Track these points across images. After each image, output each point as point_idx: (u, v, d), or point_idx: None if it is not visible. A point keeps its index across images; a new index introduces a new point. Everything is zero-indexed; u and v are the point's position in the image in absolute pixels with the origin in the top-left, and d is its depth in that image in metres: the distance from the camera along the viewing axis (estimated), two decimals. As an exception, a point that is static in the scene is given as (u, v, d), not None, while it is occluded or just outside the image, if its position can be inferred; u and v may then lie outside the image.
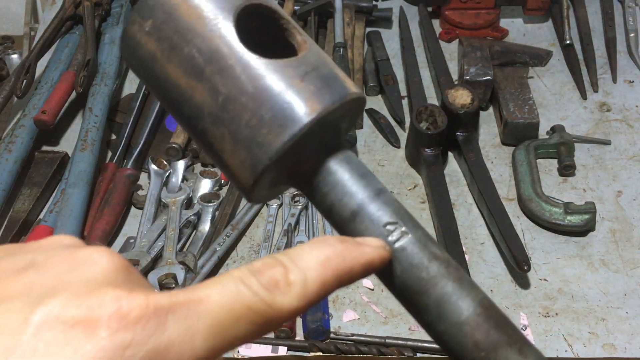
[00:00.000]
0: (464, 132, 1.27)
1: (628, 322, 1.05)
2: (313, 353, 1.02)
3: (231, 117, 0.39)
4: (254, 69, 0.39)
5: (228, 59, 0.39)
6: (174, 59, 0.40)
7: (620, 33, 1.54)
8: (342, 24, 1.49)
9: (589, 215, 1.15)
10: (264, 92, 0.39)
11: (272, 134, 0.38)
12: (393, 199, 0.41)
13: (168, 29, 0.40)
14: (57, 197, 1.22)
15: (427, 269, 0.39)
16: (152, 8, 0.40)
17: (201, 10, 0.40)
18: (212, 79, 0.39)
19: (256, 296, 0.33)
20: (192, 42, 0.39)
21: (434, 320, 0.39)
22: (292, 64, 0.40)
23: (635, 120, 1.38)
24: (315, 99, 0.39)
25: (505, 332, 0.38)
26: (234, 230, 1.17)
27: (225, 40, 0.39)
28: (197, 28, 0.39)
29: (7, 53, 1.86)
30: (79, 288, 0.31)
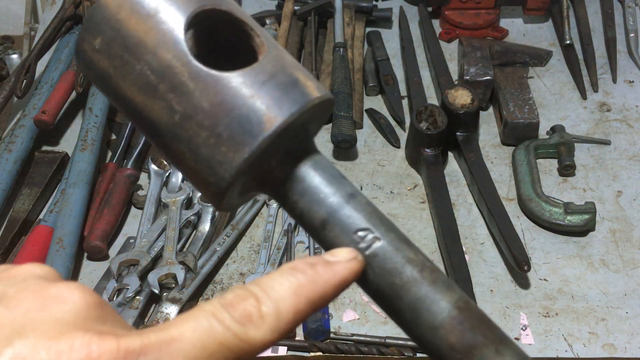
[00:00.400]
0: (464, 132, 1.27)
1: (628, 322, 1.05)
2: (313, 353, 1.02)
3: (189, 136, 0.38)
4: (208, 85, 0.37)
5: (180, 75, 0.37)
6: (127, 77, 0.38)
7: (620, 33, 1.54)
8: (342, 24, 1.49)
9: (589, 215, 1.15)
10: (220, 108, 0.37)
11: (231, 152, 0.37)
12: (365, 203, 0.40)
13: (117, 46, 0.38)
14: (57, 197, 1.22)
15: (399, 275, 0.38)
16: (100, 24, 0.38)
17: (150, 24, 0.38)
18: (166, 97, 0.37)
19: (229, 331, 0.33)
20: (143, 59, 0.38)
21: (410, 324, 0.38)
22: (248, 74, 0.38)
23: (635, 120, 1.38)
24: (273, 112, 0.37)
25: (482, 334, 0.37)
26: (234, 230, 1.17)
27: (176, 55, 0.37)
28: (147, 43, 0.38)
29: (7, 53, 1.86)
30: (49, 329, 0.30)
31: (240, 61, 0.39)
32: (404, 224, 1.21)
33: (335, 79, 1.36)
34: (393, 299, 0.39)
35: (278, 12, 1.61)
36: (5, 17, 2.13)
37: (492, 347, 0.37)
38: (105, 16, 0.38)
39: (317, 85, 0.39)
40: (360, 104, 1.41)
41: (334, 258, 0.38)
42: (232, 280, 1.13)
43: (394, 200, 1.25)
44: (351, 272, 0.38)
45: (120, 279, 1.08)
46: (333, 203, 0.40)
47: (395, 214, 1.22)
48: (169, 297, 1.06)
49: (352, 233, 0.39)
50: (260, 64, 0.38)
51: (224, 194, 0.38)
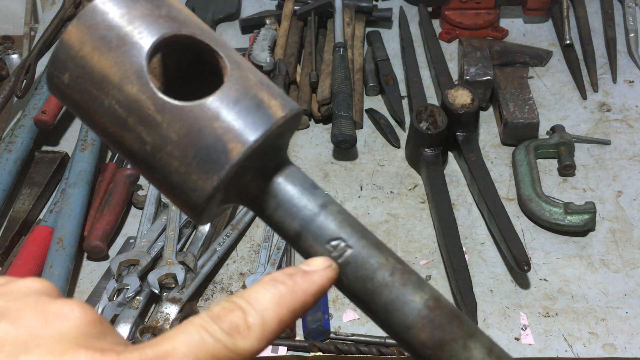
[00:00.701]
0: (464, 132, 1.27)
1: (628, 322, 1.05)
2: (313, 353, 1.02)
3: (161, 165, 0.39)
4: (174, 116, 0.38)
5: (146, 108, 0.38)
6: (98, 111, 0.39)
7: (620, 33, 1.54)
8: (342, 24, 1.49)
9: (589, 215, 1.15)
10: (187, 139, 0.38)
11: (201, 180, 0.38)
12: (337, 212, 0.42)
13: (84, 82, 0.39)
14: (57, 197, 1.22)
15: (371, 280, 0.40)
16: (65, 62, 0.39)
17: (112, 59, 0.38)
18: (136, 129, 0.39)
19: (219, 343, 0.35)
20: (110, 94, 0.38)
21: (385, 324, 0.41)
22: (211, 103, 0.39)
23: (635, 120, 1.38)
24: (238, 139, 0.38)
25: (450, 330, 0.40)
26: (234, 230, 1.17)
27: (141, 89, 0.38)
28: (112, 78, 0.38)
29: (7, 53, 1.86)
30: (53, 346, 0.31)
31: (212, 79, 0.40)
32: (404, 224, 1.21)
33: (335, 79, 1.36)
34: (367, 302, 0.41)
35: (278, 12, 1.61)
36: (5, 17, 2.13)
37: (461, 342, 0.40)
38: (69, 54, 0.39)
39: (282, 103, 0.40)
40: (360, 104, 1.41)
41: (310, 268, 0.40)
42: (232, 280, 1.13)
43: (394, 200, 1.25)
44: (327, 280, 0.40)
45: (120, 279, 1.08)
46: (305, 216, 0.41)
47: (395, 214, 1.22)
48: (169, 297, 1.06)
49: (324, 243, 0.41)
50: (223, 90, 0.39)
51: (201, 214, 0.40)
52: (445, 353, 0.40)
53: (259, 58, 1.45)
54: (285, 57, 1.48)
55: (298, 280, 0.39)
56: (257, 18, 1.61)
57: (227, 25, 1.66)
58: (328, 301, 1.08)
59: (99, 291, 1.09)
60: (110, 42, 0.38)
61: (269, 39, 1.50)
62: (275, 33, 1.53)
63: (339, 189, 1.27)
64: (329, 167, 1.32)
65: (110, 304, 1.04)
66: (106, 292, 1.07)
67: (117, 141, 0.40)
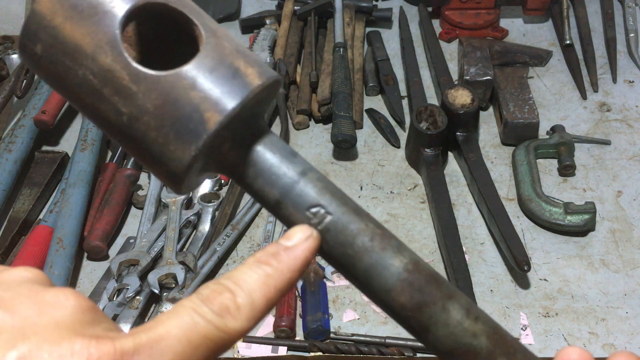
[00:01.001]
0: (464, 132, 1.27)
1: (628, 322, 1.05)
2: (313, 353, 1.02)
3: (139, 136, 0.39)
4: (149, 86, 0.38)
5: (121, 79, 0.38)
6: (72, 81, 0.39)
7: (620, 33, 1.54)
8: (342, 24, 1.49)
9: (589, 215, 1.15)
10: (163, 109, 0.38)
11: (180, 150, 0.38)
12: (316, 179, 0.42)
13: (57, 53, 0.38)
14: (57, 197, 1.22)
15: (351, 246, 0.41)
16: (37, 32, 0.38)
17: (85, 29, 0.38)
18: (112, 100, 0.38)
19: (210, 324, 0.36)
20: (84, 65, 0.38)
21: (365, 288, 0.42)
22: (187, 72, 0.38)
23: (635, 120, 1.38)
24: (214, 109, 0.38)
25: (429, 292, 0.41)
26: (234, 230, 1.17)
27: (115, 59, 0.38)
28: (85, 48, 0.38)
29: (7, 53, 1.86)
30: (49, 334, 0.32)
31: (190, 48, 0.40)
32: (404, 224, 1.21)
33: (335, 79, 1.36)
34: (348, 267, 0.42)
35: (278, 12, 1.61)
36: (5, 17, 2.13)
37: (440, 304, 0.41)
38: (41, 24, 0.38)
39: (259, 71, 0.40)
40: (360, 104, 1.41)
41: (292, 242, 0.40)
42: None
43: (394, 200, 1.25)
44: (310, 251, 0.41)
45: (120, 279, 1.07)
46: (285, 183, 0.41)
47: (395, 214, 1.22)
48: (169, 297, 1.06)
49: (304, 210, 0.41)
50: (199, 58, 0.38)
51: (180, 183, 0.40)
52: (424, 315, 0.40)
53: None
54: (285, 57, 1.48)
55: (282, 259, 0.39)
56: (257, 18, 1.61)
57: (227, 25, 1.66)
58: (328, 301, 1.08)
59: (99, 291, 1.09)
60: (82, 12, 0.38)
61: (269, 39, 1.50)
62: (275, 33, 1.53)
63: (339, 189, 1.27)
64: (329, 167, 1.32)
65: (110, 304, 1.04)
66: (106, 292, 1.07)
67: (94, 112, 0.39)
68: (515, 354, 0.41)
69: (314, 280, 1.09)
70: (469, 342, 0.40)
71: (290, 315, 1.04)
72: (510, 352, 0.41)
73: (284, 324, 1.03)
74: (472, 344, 0.40)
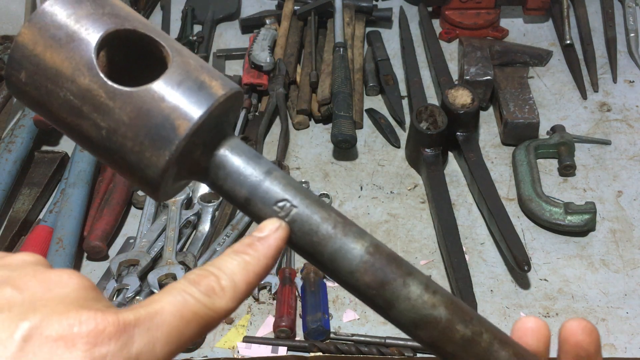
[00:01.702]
0: (464, 132, 1.27)
1: (628, 322, 1.05)
2: (313, 353, 1.02)
3: (118, 147, 0.43)
4: (124, 101, 0.42)
5: (99, 97, 0.42)
6: (55, 103, 0.43)
7: (620, 33, 1.54)
8: (342, 24, 1.49)
9: (589, 215, 1.15)
10: (138, 120, 0.42)
11: (154, 157, 0.43)
12: (280, 177, 0.47)
13: (40, 78, 0.43)
14: (57, 197, 1.22)
15: (316, 233, 0.46)
16: (21, 61, 0.43)
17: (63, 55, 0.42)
18: (91, 116, 0.43)
19: (199, 303, 0.40)
20: (64, 87, 0.43)
21: (332, 272, 0.46)
22: (157, 86, 0.43)
23: (635, 120, 1.38)
24: (183, 117, 0.43)
25: (390, 271, 0.45)
26: (234, 230, 1.17)
27: (92, 79, 0.42)
28: (65, 72, 0.42)
29: (7, 53, 1.86)
30: (57, 307, 0.35)
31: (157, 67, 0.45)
32: (404, 224, 1.21)
33: (335, 79, 1.36)
34: (315, 254, 0.46)
35: (278, 12, 1.61)
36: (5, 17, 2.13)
37: (400, 280, 0.45)
38: (24, 53, 0.43)
39: (222, 83, 0.45)
40: (360, 104, 1.41)
41: (264, 233, 0.45)
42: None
43: (394, 200, 1.25)
44: (281, 239, 0.45)
45: (120, 279, 1.07)
46: (252, 182, 0.46)
47: (395, 214, 1.22)
48: (169, 297, 1.06)
49: (272, 205, 0.46)
50: (167, 74, 0.43)
51: (157, 189, 0.45)
52: (387, 291, 0.45)
53: (259, 58, 1.45)
54: (285, 57, 1.48)
55: (257, 248, 0.44)
56: (257, 18, 1.61)
57: (227, 25, 1.66)
58: (328, 301, 1.08)
59: (98, 291, 1.09)
60: (60, 40, 0.43)
61: (269, 38, 1.50)
62: (275, 33, 1.53)
63: (339, 189, 1.27)
64: (329, 167, 1.32)
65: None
66: (106, 292, 1.07)
67: (75, 130, 0.44)
68: (471, 321, 0.45)
69: (314, 280, 1.09)
70: (430, 312, 0.45)
71: (290, 315, 1.04)
72: (467, 320, 0.45)
73: (284, 324, 1.03)
74: (433, 314, 0.45)
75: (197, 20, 1.64)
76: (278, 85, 1.41)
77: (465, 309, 0.46)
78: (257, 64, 1.44)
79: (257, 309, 1.09)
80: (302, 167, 1.32)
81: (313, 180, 1.29)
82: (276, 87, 1.41)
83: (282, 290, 1.08)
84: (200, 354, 1.03)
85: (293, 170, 1.31)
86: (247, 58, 1.48)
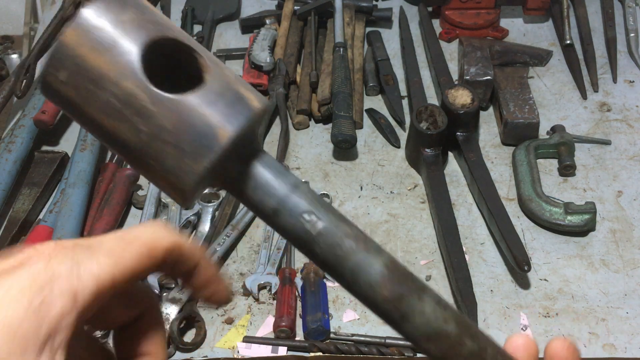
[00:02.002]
0: (464, 132, 1.27)
1: (628, 322, 1.05)
2: (313, 353, 1.02)
3: (156, 151, 0.44)
4: (167, 107, 0.43)
5: (142, 101, 0.43)
6: (93, 105, 0.43)
7: (620, 33, 1.54)
8: (342, 24, 1.49)
9: (589, 215, 1.15)
10: (180, 126, 0.43)
11: (194, 163, 0.44)
12: (307, 191, 0.48)
13: (82, 79, 0.43)
14: (57, 197, 1.22)
15: (340, 247, 0.47)
16: (63, 60, 0.43)
17: (108, 58, 0.43)
18: (132, 120, 0.43)
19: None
20: (107, 89, 0.43)
21: (352, 285, 0.47)
22: (199, 95, 0.44)
23: (635, 120, 1.38)
24: (225, 126, 0.44)
25: (407, 286, 0.47)
26: (234, 231, 1.17)
27: (136, 84, 0.43)
28: (109, 75, 0.43)
29: (7, 53, 1.86)
30: None
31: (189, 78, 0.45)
32: (404, 224, 1.21)
33: (335, 79, 1.36)
34: (337, 266, 0.47)
35: (278, 12, 1.61)
36: (5, 17, 2.14)
37: (416, 295, 0.47)
38: (66, 53, 0.43)
39: (257, 97, 0.47)
40: (360, 104, 1.41)
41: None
42: (232, 280, 1.13)
43: (394, 200, 1.25)
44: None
45: (120, 279, 1.07)
46: (281, 194, 0.47)
47: (395, 214, 1.22)
48: (169, 297, 1.06)
49: (299, 216, 0.47)
50: (209, 85, 0.44)
51: (191, 196, 0.46)
52: (403, 305, 0.46)
53: (259, 58, 1.45)
54: (285, 57, 1.48)
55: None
56: (257, 18, 1.61)
57: (227, 25, 1.66)
58: (328, 301, 1.08)
59: (98, 291, 1.09)
60: (105, 43, 0.43)
61: (269, 39, 1.50)
62: (275, 33, 1.53)
63: (339, 189, 1.27)
64: (329, 167, 1.32)
65: (110, 304, 1.04)
66: (106, 292, 1.06)
67: (111, 132, 0.44)
68: (478, 336, 0.47)
69: (314, 280, 1.09)
70: (442, 327, 0.46)
71: (290, 315, 1.04)
72: (474, 335, 0.47)
73: (284, 324, 1.03)
74: (445, 328, 0.46)
75: (197, 20, 1.64)
76: (278, 85, 1.41)
77: (471, 325, 0.48)
78: (257, 64, 1.44)
79: (257, 309, 1.09)
80: (302, 167, 1.32)
81: (313, 180, 1.29)
82: (276, 87, 1.41)
83: (282, 290, 1.08)
84: (200, 354, 1.03)
85: (293, 170, 1.31)
86: (247, 58, 1.48)
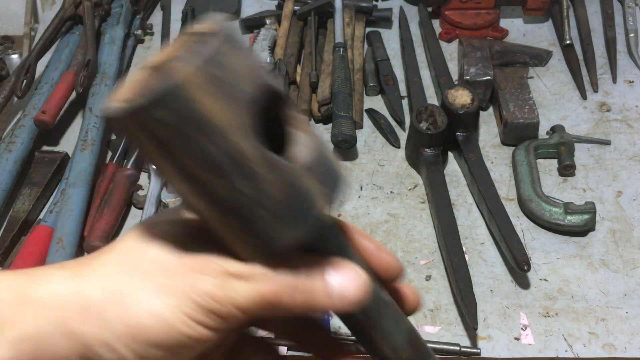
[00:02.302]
0: (464, 132, 1.27)
1: (628, 322, 1.05)
2: (313, 353, 1.01)
3: (246, 212, 0.39)
4: (270, 169, 0.39)
5: (247, 160, 0.38)
6: (190, 152, 0.38)
7: (620, 33, 1.54)
8: (342, 24, 1.49)
9: (589, 215, 1.15)
10: (281, 192, 0.39)
11: (286, 230, 0.40)
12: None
13: (186, 123, 0.37)
14: (57, 197, 1.22)
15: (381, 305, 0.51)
16: (173, 99, 0.37)
17: (222, 105, 0.37)
18: (230, 177, 0.38)
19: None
20: (211, 139, 0.37)
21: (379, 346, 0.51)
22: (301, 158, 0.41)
23: (635, 120, 1.38)
24: (322, 196, 0.41)
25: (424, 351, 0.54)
26: (234, 230, 1.17)
27: (245, 139, 0.38)
28: (217, 125, 0.37)
29: (7, 53, 1.86)
30: None
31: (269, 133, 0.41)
32: (404, 224, 1.21)
33: (335, 79, 1.36)
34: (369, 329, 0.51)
35: (278, 12, 1.61)
36: (5, 17, 2.14)
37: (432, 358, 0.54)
38: (179, 93, 0.37)
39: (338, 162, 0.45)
40: (360, 104, 1.41)
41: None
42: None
43: (394, 200, 1.25)
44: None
45: (120, 279, 1.07)
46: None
47: (395, 214, 1.22)
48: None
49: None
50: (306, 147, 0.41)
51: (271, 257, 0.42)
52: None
53: (259, 58, 1.45)
54: (285, 57, 1.48)
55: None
56: (257, 18, 1.61)
57: (227, 25, 1.66)
58: (328, 301, 1.08)
59: (99, 291, 1.09)
60: (223, 88, 0.38)
61: (269, 39, 1.50)
62: (275, 33, 1.53)
63: (339, 189, 1.27)
64: (329, 167, 1.31)
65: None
66: (106, 292, 1.06)
67: (199, 182, 0.39)
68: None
69: (314, 281, 1.08)
70: None
71: (290, 315, 1.04)
72: None
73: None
74: None
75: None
76: (278, 85, 1.41)
77: None
78: (257, 64, 1.44)
79: (257, 309, 1.09)
80: (302, 167, 1.32)
81: (313, 180, 1.29)
82: (276, 87, 1.41)
83: (282, 290, 1.08)
84: (200, 353, 1.03)
85: (293, 170, 1.31)
86: (247, 58, 1.48)
